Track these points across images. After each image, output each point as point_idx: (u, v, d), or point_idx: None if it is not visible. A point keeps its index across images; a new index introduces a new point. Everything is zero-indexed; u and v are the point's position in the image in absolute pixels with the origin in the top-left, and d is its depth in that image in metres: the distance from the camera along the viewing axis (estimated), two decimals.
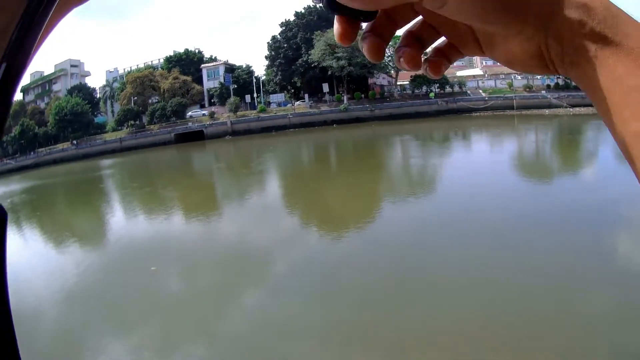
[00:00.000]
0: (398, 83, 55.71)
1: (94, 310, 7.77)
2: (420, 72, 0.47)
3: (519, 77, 54.67)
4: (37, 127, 72.72)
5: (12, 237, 16.27)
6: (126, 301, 7.99)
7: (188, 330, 6.59)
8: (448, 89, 52.42)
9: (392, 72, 55.34)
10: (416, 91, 52.70)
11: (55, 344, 6.81)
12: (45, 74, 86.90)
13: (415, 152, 26.65)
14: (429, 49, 0.49)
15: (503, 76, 55.15)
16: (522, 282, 6.63)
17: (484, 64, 60.04)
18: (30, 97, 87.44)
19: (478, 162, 19.00)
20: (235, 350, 5.99)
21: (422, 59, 0.48)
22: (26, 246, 14.52)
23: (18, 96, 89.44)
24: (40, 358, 6.03)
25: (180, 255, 10.52)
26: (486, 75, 56.72)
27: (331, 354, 5.54)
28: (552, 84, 52.39)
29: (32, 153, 71.43)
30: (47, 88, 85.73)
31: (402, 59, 0.46)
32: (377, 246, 9.38)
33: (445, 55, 0.49)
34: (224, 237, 12.26)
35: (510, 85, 52.80)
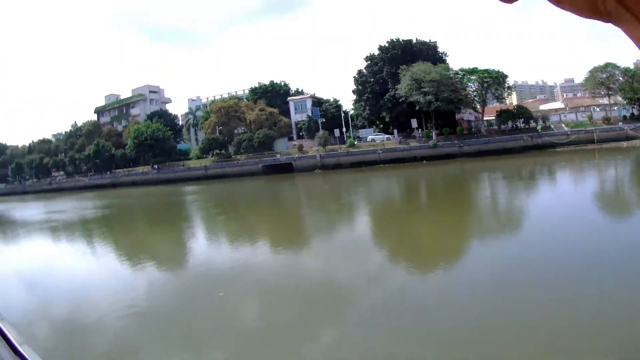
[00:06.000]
0: (484, 118, 56.23)
1: (156, 329, 8.00)
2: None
3: (598, 109, 55.00)
4: (114, 149, 74.71)
5: (84, 249, 17.94)
6: (190, 323, 8.08)
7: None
8: (532, 124, 52.85)
9: (478, 107, 55.78)
10: (502, 126, 53.30)
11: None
12: (122, 97, 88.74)
13: (504, 190, 26.42)
14: None
15: (583, 109, 55.69)
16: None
17: (565, 96, 60.43)
18: (105, 118, 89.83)
19: (566, 204, 18.66)
20: None
21: None
22: (96, 260, 15.57)
23: (92, 116, 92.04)
24: None
25: (254, 284, 10.38)
26: (567, 109, 57.16)
27: None
28: (627, 115, 52.41)
29: (108, 173, 73.65)
30: (124, 111, 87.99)
31: None
32: (465, 284, 9.15)
33: None
34: (304, 269, 12.01)
35: (590, 117, 53.16)
